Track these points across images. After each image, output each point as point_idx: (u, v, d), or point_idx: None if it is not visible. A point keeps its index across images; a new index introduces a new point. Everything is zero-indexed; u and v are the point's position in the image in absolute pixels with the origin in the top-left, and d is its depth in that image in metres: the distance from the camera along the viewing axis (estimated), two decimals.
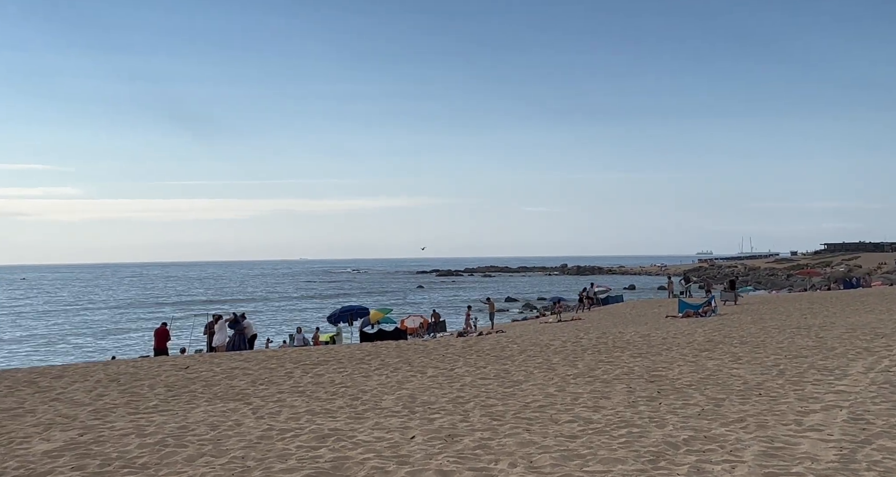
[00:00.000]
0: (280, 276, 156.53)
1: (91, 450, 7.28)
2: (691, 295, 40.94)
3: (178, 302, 71.25)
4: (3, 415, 9.45)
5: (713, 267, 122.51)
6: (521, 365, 12.72)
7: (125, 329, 46.92)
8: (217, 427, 8.25)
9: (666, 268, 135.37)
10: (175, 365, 14.34)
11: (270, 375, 12.48)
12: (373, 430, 7.81)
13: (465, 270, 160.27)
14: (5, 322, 52.25)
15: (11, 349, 37.51)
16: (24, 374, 13.72)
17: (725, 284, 38.15)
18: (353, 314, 32.40)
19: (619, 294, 55.14)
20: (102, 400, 10.44)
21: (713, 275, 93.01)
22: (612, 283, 70.88)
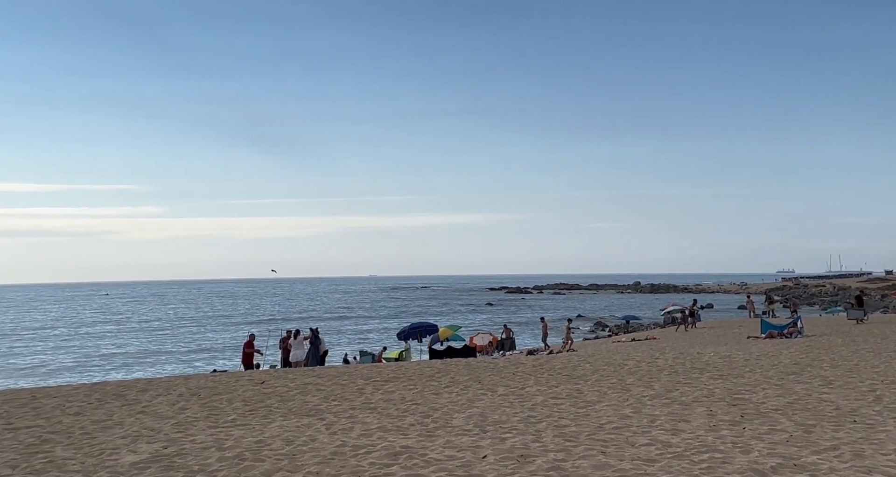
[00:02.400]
0: (349, 292, 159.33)
1: (175, 462, 7.54)
2: (775, 315, 39.06)
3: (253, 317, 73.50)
4: (94, 426, 9.92)
5: (798, 286, 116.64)
6: (594, 385, 12.41)
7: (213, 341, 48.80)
8: (292, 442, 8.40)
9: (746, 286, 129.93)
10: (251, 380, 14.73)
11: (342, 391, 12.64)
12: (444, 448, 7.77)
13: (535, 288, 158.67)
14: (95, 337, 55.22)
15: (102, 364, 39.55)
16: (112, 387, 14.40)
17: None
18: (422, 331, 32.51)
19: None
20: (184, 413, 10.82)
21: (798, 294, 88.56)
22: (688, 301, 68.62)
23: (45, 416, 10.92)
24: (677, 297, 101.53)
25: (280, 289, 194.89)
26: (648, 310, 74.83)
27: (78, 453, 8.18)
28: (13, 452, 8.38)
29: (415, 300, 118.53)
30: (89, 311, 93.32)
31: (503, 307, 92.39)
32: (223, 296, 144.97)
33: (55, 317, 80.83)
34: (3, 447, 8.70)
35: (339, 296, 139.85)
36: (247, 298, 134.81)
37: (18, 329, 63.37)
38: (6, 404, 12.09)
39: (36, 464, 7.72)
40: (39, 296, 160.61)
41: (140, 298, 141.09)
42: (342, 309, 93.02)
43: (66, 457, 8.01)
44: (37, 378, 32.65)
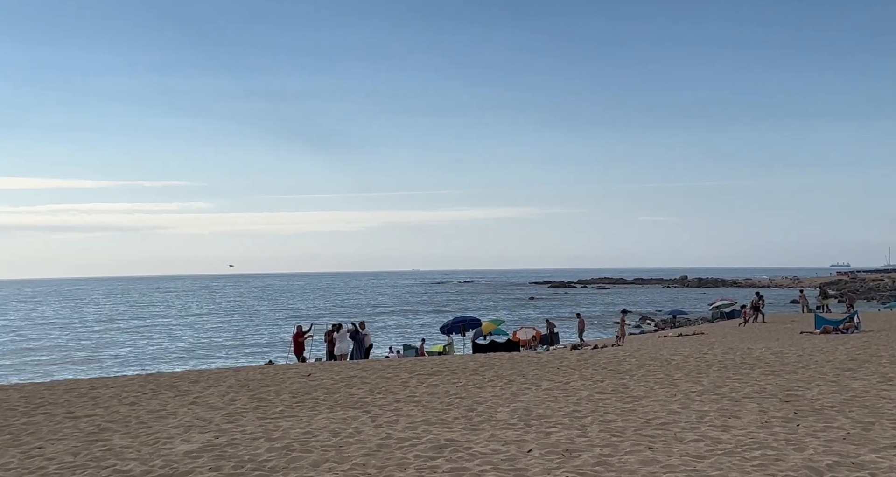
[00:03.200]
0: (392, 287, 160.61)
1: (226, 452, 7.73)
2: (829, 310, 37.82)
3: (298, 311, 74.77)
4: (150, 416, 10.25)
5: (854, 280, 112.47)
6: (640, 380, 12.24)
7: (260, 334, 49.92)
8: (339, 434, 8.52)
9: (798, 280, 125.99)
10: (298, 372, 15.00)
11: (387, 384, 12.76)
12: (489, 442, 7.77)
13: (579, 282, 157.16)
14: (148, 330, 57.01)
15: (155, 355, 40.83)
16: (165, 378, 14.85)
17: None
18: (465, 325, 32.58)
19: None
20: (234, 404, 11.08)
21: (855, 288, 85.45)
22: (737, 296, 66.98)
23: (104, 405, 11.33)
24: (726, 291, 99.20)
25: (323, 283, 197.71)
26: (695, 305, 73.38)
27: (134, 442, 8.46)
28: (74, 440, 8.73)
29: (457, 294, 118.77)
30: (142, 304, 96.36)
31: (546, 302, 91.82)
32: (269, 290, 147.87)
33: (110, 310, 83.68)
34: (66, 435, 9.07)
35: (382, 290, 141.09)
36: (291, 291, 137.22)
37: (77, 322, 65.85)
38: (67, 394, 12.59)
39: (96, 451, 8.02)
40: (96, 289, 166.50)
41: (190, 291, 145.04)
42: (384, 303, 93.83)
43: (123, 445, 8.30)
44: (96, 368, 33.89)
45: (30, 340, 48.92)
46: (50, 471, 7.19)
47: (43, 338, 50.82)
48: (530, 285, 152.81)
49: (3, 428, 9.70)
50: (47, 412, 10.84)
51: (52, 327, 59.59)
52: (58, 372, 32.98)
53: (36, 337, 51.44)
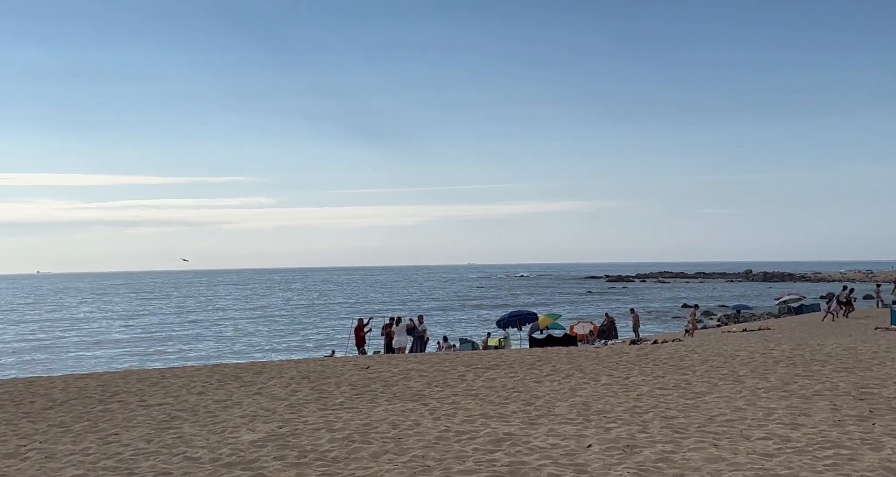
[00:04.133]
0: (449, 280, 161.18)
1: (289, 442, 7.94)
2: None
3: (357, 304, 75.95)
4: (216, 406, 10.61)
5: None
6: (703, 376, 11.94)
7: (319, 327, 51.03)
8: (398, 426, 8.63)
9: (873, 274, 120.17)
10: (357, 365, 15.25)
11: (444, 378, 12.84)
12: (547, 436, 7.73)
13: (637, 276, 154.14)
14: (213, 321, 59.01)
15: (220, 346, 42.24)
16: (230, 369, 15.34)
17: None
18: (521, 319, 32.41)
19: (814, 303, 49.91)
20: (296, 395, 11.36)
21: None
22: (806, 290, 64.48)
23: (174, 394, 11.80)
24: (794, 285, 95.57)
25: (381, 277, 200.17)
26: (761, 299, 70.98)
27: (203, 430, 8.78)
28: (147, 427, 9.12)
29: (513, 288, 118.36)
30: (208, 297, 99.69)
31: (603, 296, 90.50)
32: (328, 283, 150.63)
33: (179, 302, 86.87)
34: (139, 422, 9.49)
35: (438, 284, 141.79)
36: (350, 285, 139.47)
37: (148, 314, 68.69)
38: (140, 383, 13.16)
39: (167, 439, 8.36)
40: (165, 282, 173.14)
41: (252, 285, 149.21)
42: (441, 297, 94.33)
43: (192, 433, 8.63)
44: (165, 358, 35.31)
45: (105, 331, 51.31)
46: (126, 457, 7.53)
47: (117, 329, 53.22)
48: (587, 279, 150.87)
49: (82, 415, 10.22)
50: (122, 400, 11.36)
51: (125, 319, 62.31)
52: (131, 361, 34.49)
53: (109, 328, 53.91)
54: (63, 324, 58.07)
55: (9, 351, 40.66)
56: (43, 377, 15.81)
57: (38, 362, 35.55)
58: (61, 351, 40.52)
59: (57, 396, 11.96)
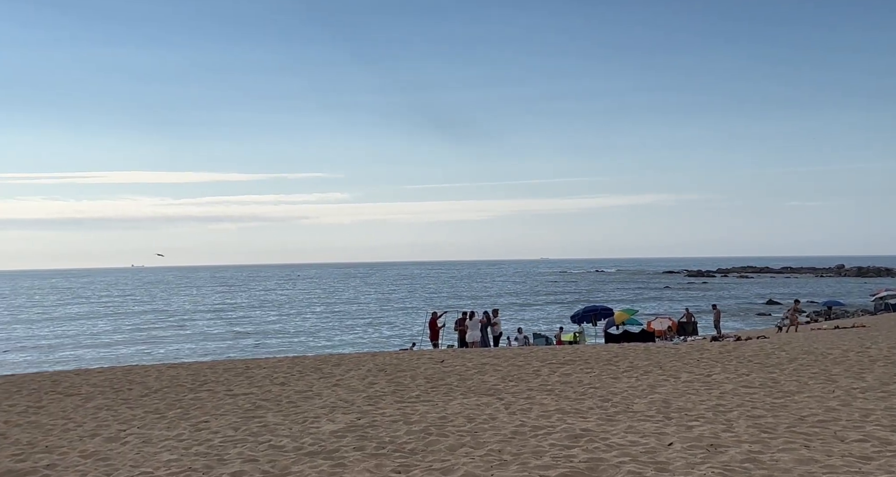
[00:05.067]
0: (522, 275, 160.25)
1: (368, 433, 8.12)
2: None
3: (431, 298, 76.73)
4: (298, 396, 10.97)
5: None
6: (791, 374, 11.41)
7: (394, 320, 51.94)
8: (473, 420, 8.67)
9: None
10: (432, 358, 15.41)
11: (519, 372, 12.80)
12: (626, 433, 7.58)
13: (718, 271, 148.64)
14: (294, 314, 60.94)
15: (300, 337, 43.61)
16: (310, 361, 15.81)
17: None
18: (596, 314, 31.90)
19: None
20: (373, 388, 11.60)
21: None
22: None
23: (258, 384, 12.27)
24: (891, 281, 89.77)
25: (454, 271, 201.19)
26: (854, 296, 67.11)
27: (286, 420, 9.10)
28: (234, 416, 9.54)
29: (588, 283, 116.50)
30: (290, 290, 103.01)
31: (682, 291, 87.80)
32: (403, 277, 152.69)
33: (262, 295, 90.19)
34: (227, 411, 9.93)
35: (512, 279, 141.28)
36: (424, 279, 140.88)
37: (234, 306, 71.65)
38: (226, 373, 13.77)
39: (253, 427, 8.71)
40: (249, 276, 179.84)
41: (328, 278, 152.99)
42: (514, 291, 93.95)
43: (276, 422, 8.95)
44: (250, 349, 36.77)
45: (193, 322, 53.89)
46: (216, 443, 7.90)
47: (204, 319, 55.79)
48: (665, 274, 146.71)
49: (175, 402, 10.78)
50: (210, 389, 11.91)
51: (213, 311, 65.23)
52: (217, 351, 36.10)
53: (197, 319, 56.56)
54: (156, 315, 61.34)
55: (106, 341, 43.35)
56: (139, 366, 16.77)
57: (132, 351, 37.75)
58: (156, 341, 42.85)
59: (152, 384, 12.67)
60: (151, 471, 6.78)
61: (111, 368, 16.62)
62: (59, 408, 10.61)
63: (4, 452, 7.86)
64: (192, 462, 7.05)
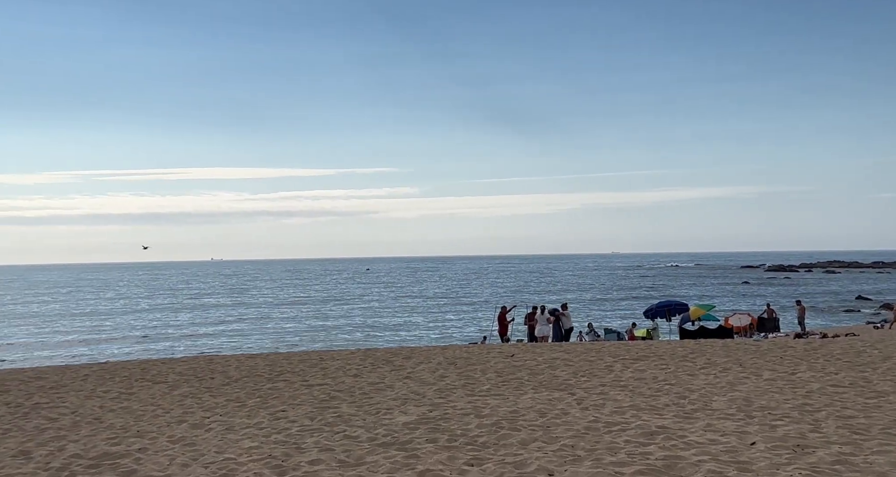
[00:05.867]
0: (591, 269, 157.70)
1: (440, 425, 8.18)
2: None
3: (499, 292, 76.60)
4: (371, 388, 11.17)
5: None
6: (885, 374, 10.77)
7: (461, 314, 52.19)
8: (545, 414, 8.60)
9: None
10: (502, 353, 15.38)
11: (591, 368, 12.61)
12: (705, 431, 7.35)
13: (801, 265, 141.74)
14: (364, 306, 62.07)
15: (372, 330, 44.41)
16: (381, 353, 16.07)
17: None
18: (671, 309, 30.98)
19: None
20: (444, 381, 11.67)
21: None
22: None
23: (332, 375, 12.57)
24: None
25: (523, 266, 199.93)
26: None
27: (359, 411, 9.28)
28: (310, 406, 9.80)
29: (662, 278, 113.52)
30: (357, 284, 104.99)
31: (762, 287, 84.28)
32: (469, 272, 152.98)
33: (334, 289, 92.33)
34: (303, 401, 10.22)
35: (581, 273, 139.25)
36: (491, 274, 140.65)
37: (309, 300, 73.66)
38: (302, 364, 14.17)
39: (328, 417, 8.93)
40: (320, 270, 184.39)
41: (396, 272, 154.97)
42: (584, 286, 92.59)
43: (350, 413, 9.15)
44: (322, 341, 37.74)
45: (269, 313, 55.74)
46: (293, 432, 8.14)
47: (279, 311, 57.60)
48: (743, 269, 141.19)
49: (254, 392, 11.18)
50: (287, 380, 12.28)
51: (288, 305, 67.26)
52: (292, 343, 37.21)
53: (272, 311, 58.45)
54: (236, 307, 63.78)
55: (186, 332, 45.41)
56: (219, 356, 17.50)
57: (212, 341, 39.39)
58: (234, 332, 44.58)
59: (232, 374, 13.18)
60: (234, 457, 7.05)
61: (194, 358, 17.40)
62: (149, 395, 11.19)
63: (100, 435, 8.36)
64: (271, 450, 7.29)
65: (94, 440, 8.05)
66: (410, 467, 6.43)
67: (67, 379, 13.04)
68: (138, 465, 6.90)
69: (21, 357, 34.71)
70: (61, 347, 39.46)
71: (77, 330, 47.84)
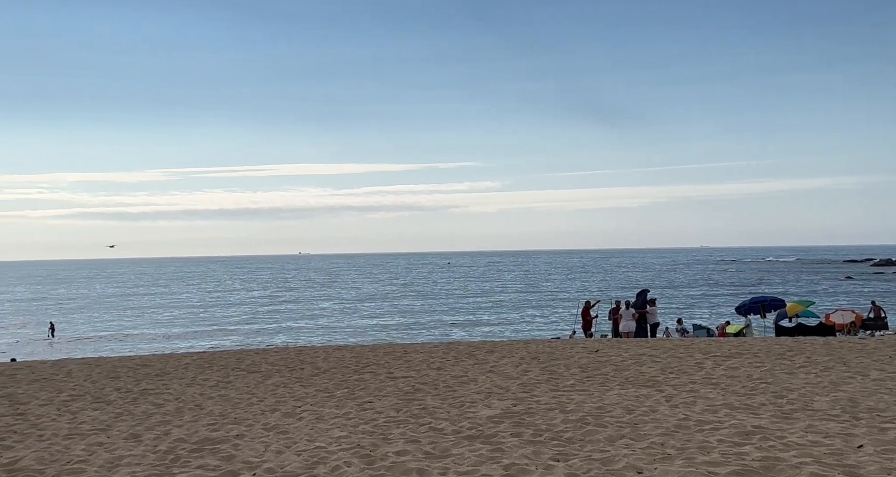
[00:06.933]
0: (679, 264, 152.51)
1: (524, 420, 8.15)
2: None
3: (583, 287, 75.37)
4: (454, 381, 11.26)
5: None
6: None
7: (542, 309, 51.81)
8: (632, 411, 8.41)
9: None
10: (585, 348, 15.14)
11: (679, 364, 12.22)
12: (805, 432, 6.98)
13: None
14: (446, 299, 62.59)
15: (452, 324, 44.75)
16: (464, 347, 16.17)
17: None
18: (765, 305, 29.57)
19: None
20: (527, 375, 11.62)
21: None
22: None
23: (416, 368, 12.76)
24: None
25: (606, 260, 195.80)
26: None
27: (444, 404, 9.38)
28: (395, 397, 9.99)
29: (755, 272, 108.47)
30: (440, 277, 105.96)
31: (867, 282, 79.00)
32: (553, 266, 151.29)
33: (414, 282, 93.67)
34: (388, 392, 10.43)
35: (668, 267, 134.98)
36: (575, 268, 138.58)
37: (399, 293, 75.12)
38: (386, 356, 14.46)
39: (413, 409, 9.08)
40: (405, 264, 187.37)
41: (478, 266, 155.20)
42: (672, 281, 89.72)
43: (434, 406, 9.26)
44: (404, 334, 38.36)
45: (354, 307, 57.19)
46: (380, 423, 8.33)
47: (364, 305, 58.99)
48: (846, 264, 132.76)
49: (342, 383, 11.50)
50: (372, 371, 12.57)
51: (373, 299, 68.77)
52: (378, 335, 38.04)
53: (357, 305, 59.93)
54: (324, 300, 65.80)
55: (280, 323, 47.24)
56: (309, 347, 18.11)
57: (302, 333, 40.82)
58: (321, 325, 46.02)
59: (321, 365, 13.61)
60: (325, 446, 7.28)
61: (285, 349, 18.08)
62: (244, 384, 11.72)
63: (202, 421, 8.83)
64: (359, 439, 7.49)
65: (196, 426, 8.52)
66: (496, 461, 6.44)
67: (170, 367, 13.85)
68: (236, 450, 7.24)
69: (129, 346, 37.21)
70: (165, 336, 42.02)
71: (178, 320, 50.78)
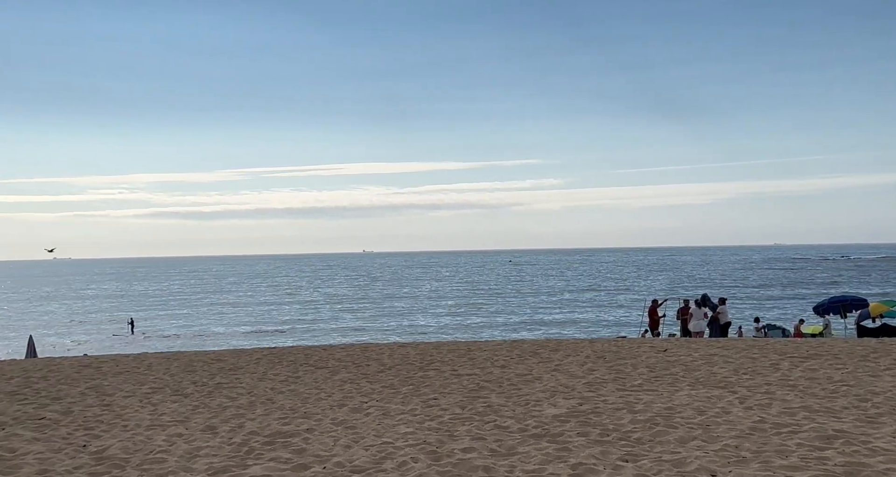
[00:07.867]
0: (752, 261, 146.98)
1: (590, 419, 8.04)
2: None
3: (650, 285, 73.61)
4: (519, 379, 11.21)
5: None
6: None
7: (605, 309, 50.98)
8: (704, 412, 8.17)
9: None
10: (653, 347, 14.79)
11: (753, 365, 11.79)
12: (893, 437, 6.62)
13: None
14: (510, 297, 62.38)
15: (516, 322, 44.59)
16: (528, 345, 16.06)
17: None
18: (845, 305, 28.17)
19: None
20: (593, 374, 11.44)
21: None
22: None
23: (480, 366, 12.77)
24: None
25: (676, 258, 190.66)
26: None
27: (508, 401, 9.35)
28: (460, 395, 10.02)
29: (834, 271, 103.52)
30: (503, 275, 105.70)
31: None
32: (619, 264, 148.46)
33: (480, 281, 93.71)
34: (452, 390, 10.47)
35: (740, 265, 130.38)
36: (642, 266, 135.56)
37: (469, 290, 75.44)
38: (450, 354, 14.52)
39: (478, 407, 9.08)
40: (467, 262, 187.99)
41: (541, 264, 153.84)
42: (743, 279, 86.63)
43: (499, 404, 9.24)
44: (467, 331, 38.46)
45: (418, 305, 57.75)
46: (445, 420, 8.38)
47: (426, 302, 59.49)
48: None
49: (407, 379, 11.62)
50: (437, 369, 12.64)
51: (434, 297, 69.25)
52: (440, 333, 38.26)
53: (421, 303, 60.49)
54: (388, 299, 66.72)
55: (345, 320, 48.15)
56: (374, 344, 18.38)
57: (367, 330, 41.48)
58: (384, 322, 46.67)
59: (386, 361, 13.79)
60: (392, 441, 7.38)
61: (351, 345, 18.42)
62: (312, 379, 12.00)
63: (273, 415, 9.10)
64: (426, 436, 7.55)
65: (268, 419, 8.78)
66: (562, 460, 6.38)
67: (242, 362, 14.32)
68: (307, 444, 7.43)
69: (204, 341, 38.72)
70: (238, 333, 43.53)
71: (248, 317, 52.49)
